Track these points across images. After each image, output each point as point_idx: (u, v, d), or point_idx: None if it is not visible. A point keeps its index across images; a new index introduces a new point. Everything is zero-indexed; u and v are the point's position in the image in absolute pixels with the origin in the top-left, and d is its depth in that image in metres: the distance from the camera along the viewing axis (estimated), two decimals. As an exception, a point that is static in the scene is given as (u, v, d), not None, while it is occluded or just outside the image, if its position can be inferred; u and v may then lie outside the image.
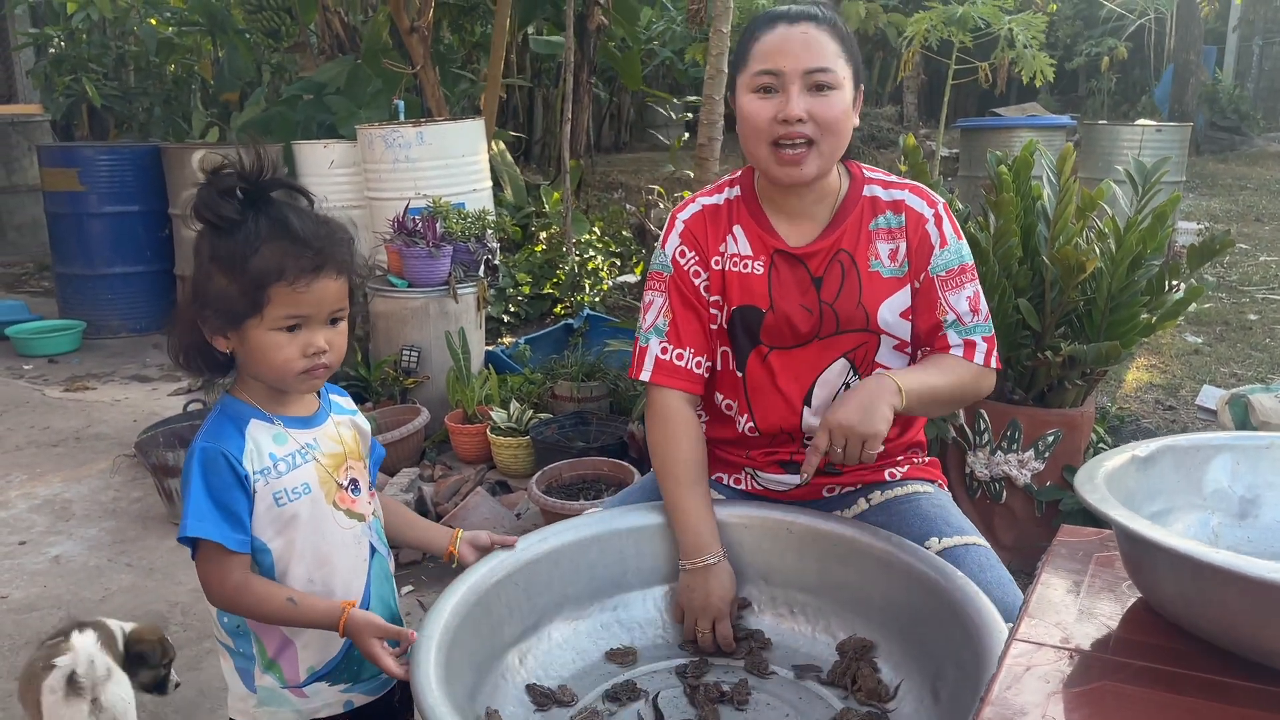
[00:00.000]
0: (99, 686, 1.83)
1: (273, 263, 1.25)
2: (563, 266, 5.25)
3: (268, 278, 1.25)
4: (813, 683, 1.49)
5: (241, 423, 1.32)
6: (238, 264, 1.24)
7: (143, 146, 5.88)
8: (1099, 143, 6.85)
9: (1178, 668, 0.88)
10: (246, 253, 1.24)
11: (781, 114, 1.50)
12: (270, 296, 1.25)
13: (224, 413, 1.33)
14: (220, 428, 1.31)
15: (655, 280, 1.69)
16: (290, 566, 1.35)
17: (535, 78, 8.69)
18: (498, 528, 2.99)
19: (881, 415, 1.42)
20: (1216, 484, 1.08)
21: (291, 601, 1.31)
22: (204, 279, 1.27)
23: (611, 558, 1.62)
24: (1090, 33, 13.64)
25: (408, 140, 4.28)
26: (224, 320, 1.27)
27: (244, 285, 1.25)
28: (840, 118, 1.52)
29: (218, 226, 1.26)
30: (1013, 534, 2.71)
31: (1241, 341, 4.75)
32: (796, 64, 1.50)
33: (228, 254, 1.25)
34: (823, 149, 1.53)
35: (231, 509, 1.28)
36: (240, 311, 1.26)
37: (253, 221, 1.25)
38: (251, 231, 1.25)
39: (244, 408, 1.33)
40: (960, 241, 1.61)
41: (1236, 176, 10.07)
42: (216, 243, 1.26)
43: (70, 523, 3.28)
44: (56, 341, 5.32)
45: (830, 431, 1.43)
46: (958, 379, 1.56)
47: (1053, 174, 2.61)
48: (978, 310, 1.59)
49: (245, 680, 1.41)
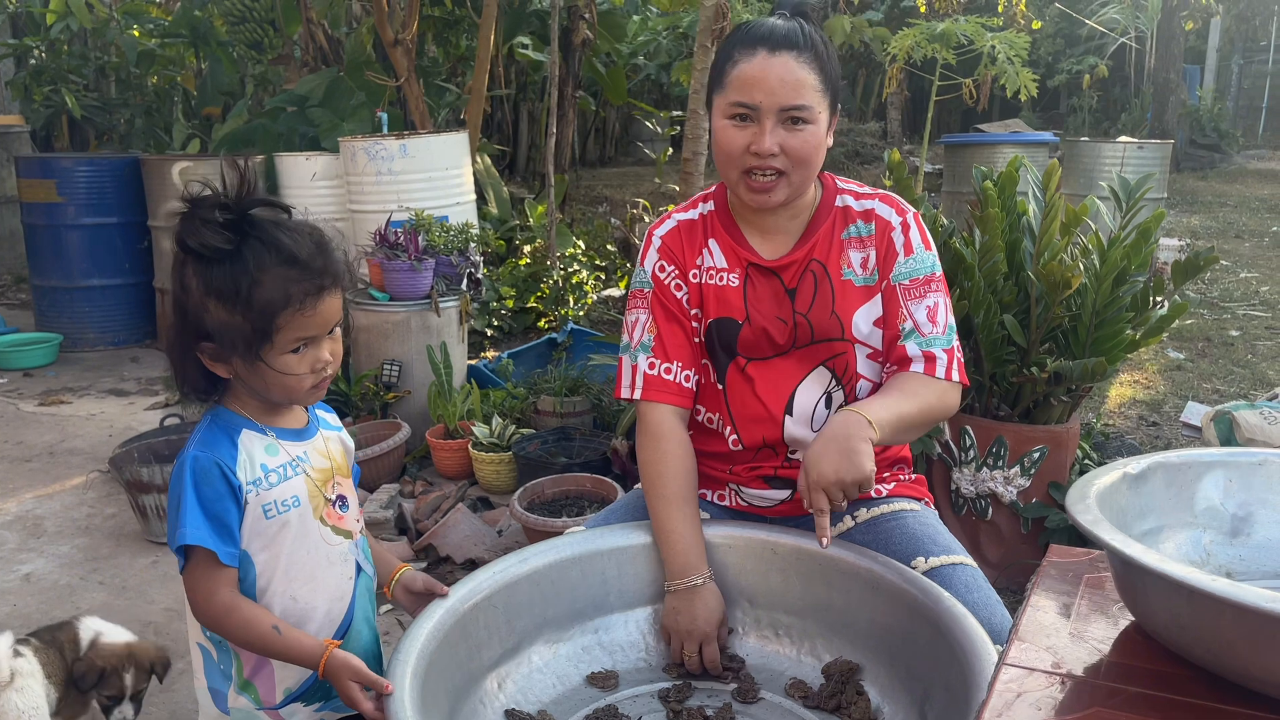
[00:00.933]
0: None
1: (278, 292, 1.22)
2: (547, 280, 5.23)
3: (274, 307, 1.22)
4: (799, 706, 1.46)
5: (234, 432, 1.30)
6: (240, 297, 1.21)
7: (122, 158, 5.83)
8: (1081, 159, 6.89)
9: (1171, 693, 0.86)
10: (248, 284, 1.21)
11: (754, 147, 1.51)
12: (279, 325, 1.23)
13: (216, 422, 1.31)
14: (213, 437, 1.29)
15: (637, 298, 1.68)
16: (274, 581, 1.32)
17: (520, 91, 8.69)
18: (479, 545, 2.95)
19: (864, 454, 1.39)
20: (1208, 501, 1.06)
21: (276, 630, 1.28)
22: (199, 310, 1.23)
23: (593, 579, 1.59)
24: (1072, 51, 13.78)
25: (391, 153, 4.25)
26: (231, 351, 1.24)
27: (250, 317, 1.22)
28: (812, 152, 1.52)
29: (209, 258, 1.22)
30: (998, 551, 2.69)
31: (1224, 358, 4.77)
32: (773, 100, 1.49)
33: (227, 288, 1.21)
34: (793, 179, 1.54)
35: (223, 520, 1.26)
36: (249, 342, 1.23)
37: (247, 250, 1.21)
38: (249, 261, 1.21)
39: (236, 418, 1.32)
40: (929, 251, 1.60)
41: (1216, 194, 10.16)
42: (210, 275, 1.22)
43: (42, 539, 3.22)
44: (32, 355, 5.25)
45: (825, 491, 1.40)
46: (923, 401, 1.53)
47: (1038, 189, 2.61)
48: (936, 321, 1.57)
49: (218, 702, 1.37)
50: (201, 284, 1.22)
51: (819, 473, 1.39)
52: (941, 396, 1.55)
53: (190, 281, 1.23)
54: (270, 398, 1.32)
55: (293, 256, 1.23)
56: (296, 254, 1.24)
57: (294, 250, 1.24)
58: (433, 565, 2.95)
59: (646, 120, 10.88)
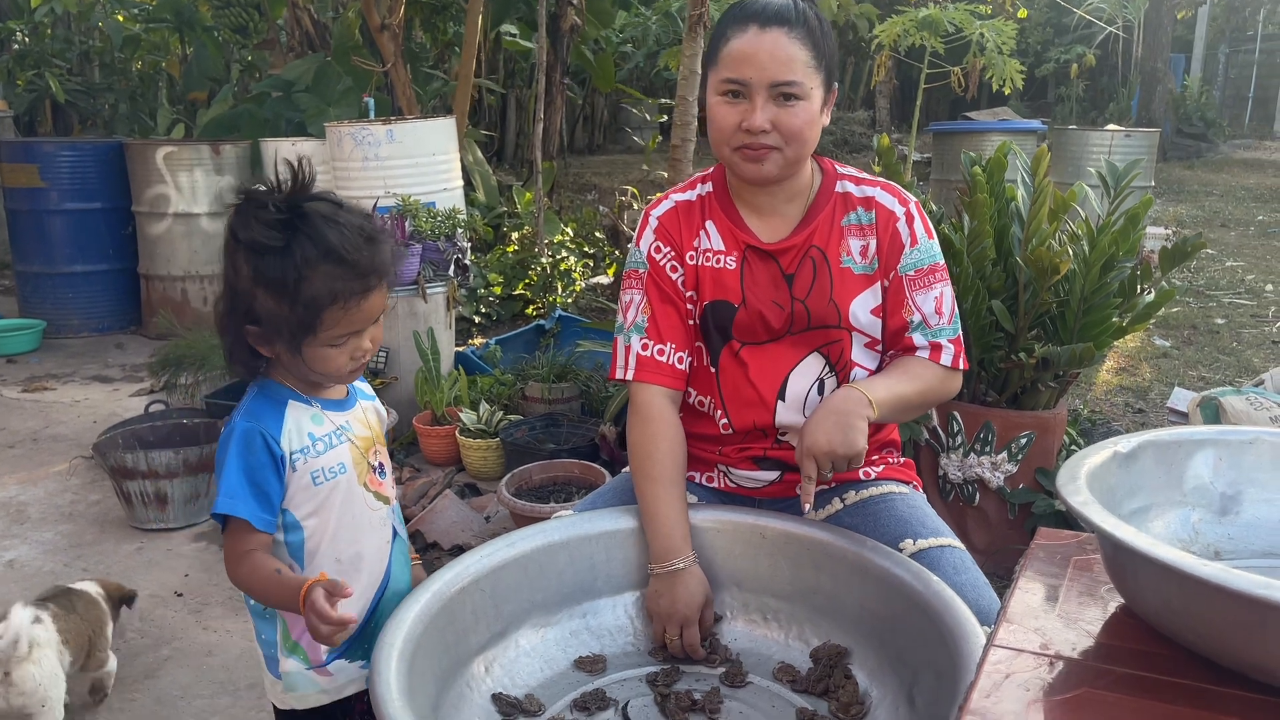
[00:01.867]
0: (11, 663, 1.94)
1: (324, 288, 1.25)
2: (535, 267, 5.21)
3: (320, 303, 1.26)
4: (787, 690, 1.46)
5: (280, 404, 1.35)
6: (288, 290, 1.25)
7: (105, 143, 5.77)
8: (1069, 147, 6.91)
9: (1160, 674, 0.86)
10: (296, 279, 1.24)
11: (746, 123, 1.50)
12: (324, 320, 1.27)
13: (263, 393, 1.35)
14: (260, 408, 1.33)
15: (632, 279, 1.67)
16: (321, 545, 1.37)
17: (508, 78, 8.64)
18: (466, 531, 2.94)
19: (859, 430, 1.43)
20: (1198, 480, 1.06)
21: (278, 572, 1.30)
22: (248, 295, 1.27)
23: (581, 564, 1.58)
24: (1060, 40, 13.81)
25: (377, 138, 4.22)
26: (275, 337, 1.29)
27: (296, 310, 1.26)
28: (804, 128, 1.51)
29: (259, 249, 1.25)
30: (985, 536, 2.70)
31: (1209, 345, 4.79)
32: (763, 75, 1.48)
33: (276, 279, 1.25)
34: (786, 154, 1.53)
35: (264, 489, 1.30)
36: (293, 332, 1.27)
37: (296, 245, 1.24)
38: (299, 257, 1.24)
39: (282, 389, 1.36)
40: (931, 241, 1.60)
41: (1203, 183, 10.21)
42: (261, 265, 1.25)
43: (26, 526, 3.19)
44: (16, 341, 5.20)
45: (815, 459, 1.44)
46: (925, 384, 1.56)
47: (1027, 175, 2.61)
48: (942, 312, 1.58)
49: (271, 667, 1.43)
50: (251, 272, 1.26)
51: (813, 440, 1.43)
52: (944, 381, 1.58)
53: (241, 267, 1.27)
54: (308, 378, 1.37)
55: (340, 255, 1.26)
56: (344, 253, 1.26)
57: (342, 248, 1.26)
58: (420, 552, 2.94)
59: (635, 108, 10.85)
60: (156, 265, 5.48)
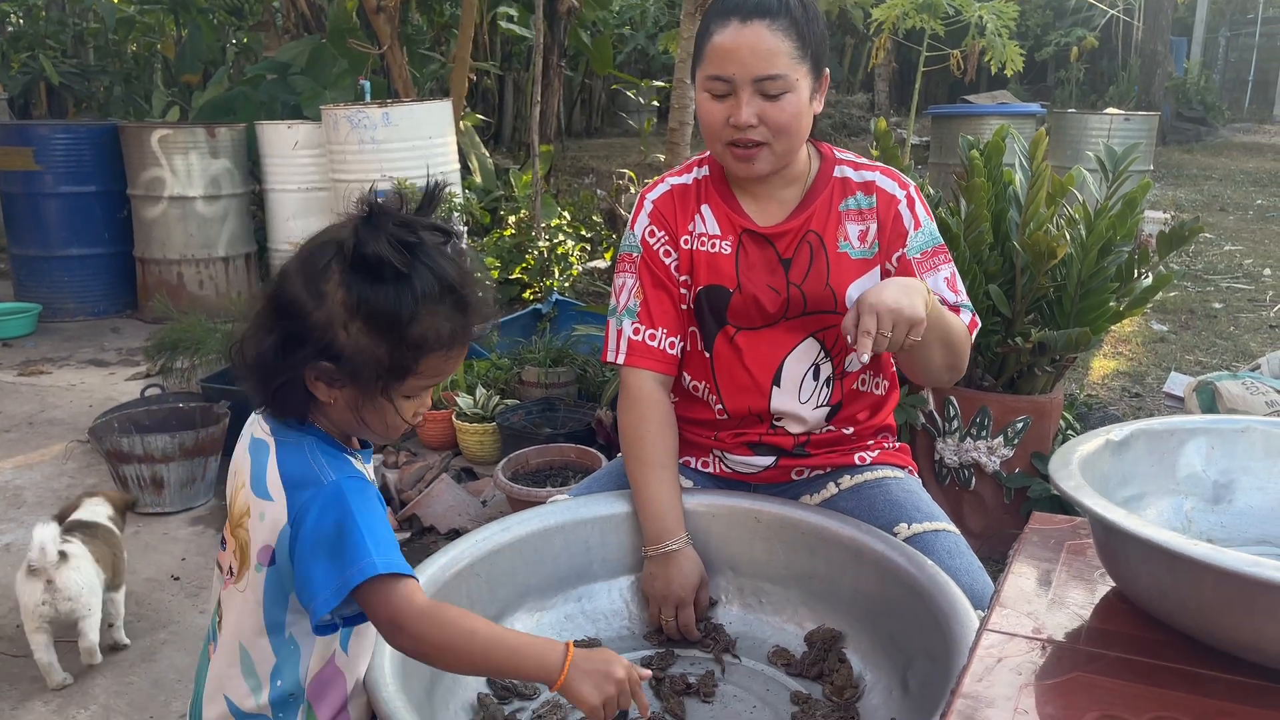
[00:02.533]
0: (52, 570, 2.15)
1: (433, 331, 1.09)
2: (531, 251, 5.19)
3: (426, 348, 1.10)
4: (781, 674, 1.46)
5: (341, 455, 1.17)
6: (397, 327, 1.08)
7: (100, 125, 5.74)
8: (1068, 131, 6.89)
9: (1152, 658, 0.86)
10: (410, 314, 1.08)
11: (733, 119, 1.49)
12: (421, 368, 1.11)
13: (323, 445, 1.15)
14: (335, 461, 1.14)
15: (625, 262, 1.67)
16: None
17: (505, 61, 8.60)
18: (463, 515, 2.95)
19: (922, 303, 1.36)
20: (1190, 468, 1.06)
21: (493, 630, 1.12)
22: (331, 326, 1.08)
23: (576, 548, 1.58)
24: (1060, 23, 13.74)
25: (373, 121, 4.21)
26: (353, 380, 1.10)
27: (397, 351, 1.09)
28: (791, 121, 1.50)
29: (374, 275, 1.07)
30: (981, 521, 2.70)
31: (1206, 330, 4.79)
32: (745, 71, 1.46)
33: (386, 311, 1.07)
34: (776, 149, 1.52)
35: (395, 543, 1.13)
36: (381, 376, 1.10)
37: (418, 277, 1.08)
38: (418, 289, 1.08)
39: (332, 440, 1.18)
40: (931, 223, 1.61)
41: (1202, 167, 10.19)
42: (370, 293, 1.07)
43: (21, 510, 3.19)
44: (11, 325, 5.19)
45: (879, 315, 1.34)
46: (961, 331, 1.53)
47: (1025, 159, 2.60)
48: (956, 289, 1.58)
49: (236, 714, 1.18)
50: (350, 299, 1.07)
51: (879, 297, 1.34)
52: (965, 344, 1.55)
53: (333, 293, 1.08)
54: (354, 433, 1.19)
55: (461, 295, 1.11)
56: (466, 296, 1.11)
57: (463, 290, 1.11)
58: (416, 536, 2.94)
59: (632, 91, 10.80)
60: (152, 249, 5.46)
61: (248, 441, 1.19)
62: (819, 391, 1.62)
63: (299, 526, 1.09)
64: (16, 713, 2.16)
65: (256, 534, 1.13)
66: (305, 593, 1.08)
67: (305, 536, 1.08)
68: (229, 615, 1.18)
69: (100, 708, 2.18)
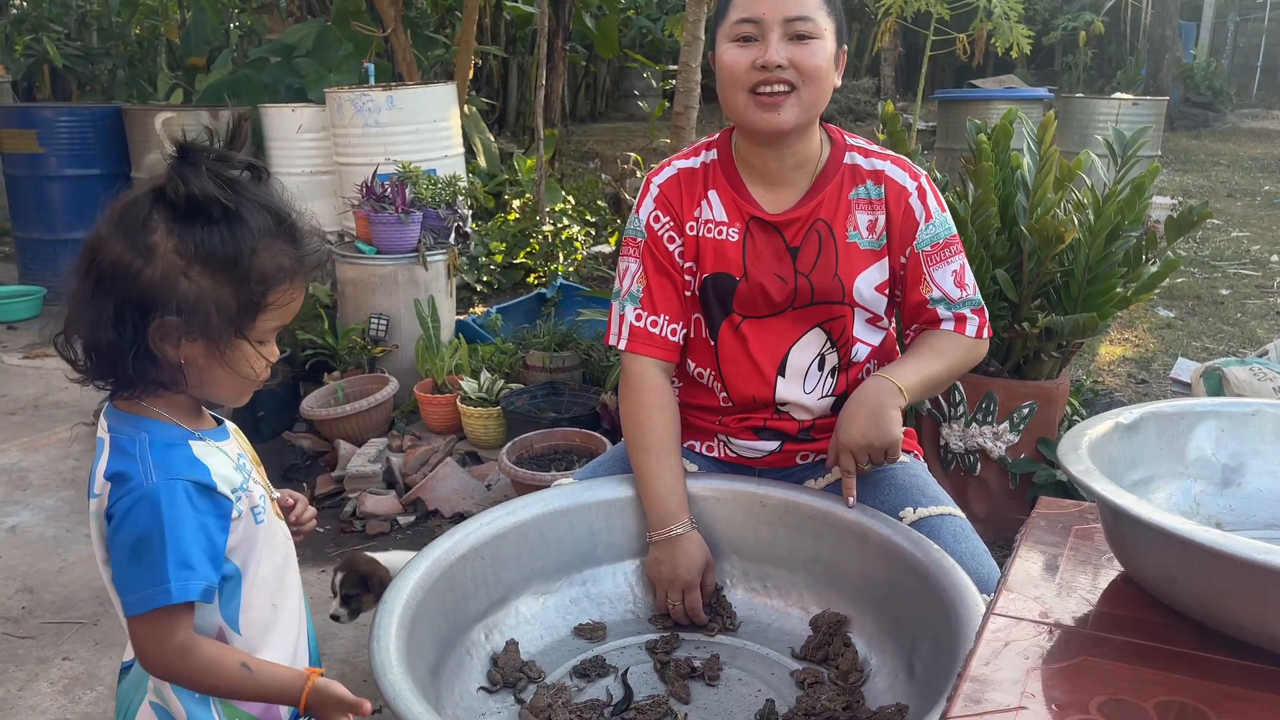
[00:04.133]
0: None
1: (274, 264, 1.06)
2: (536, 235, 5.18)
3: (270, 281, 1.07)
4: (785, 658, 1.46)
5: (179, 445, 1.09)
6: (239, 264, 1.04)
7: (104, 108, 5.72)
8: (1075, 116, 6.84)
9: (1159, 643, 0.86)
10: (249, 249, 1.04)
11: (761, 60, 1.47)
12: (269, 302, 1.07)
13: (158, 440, 1.08)
14: (168, 458, 1.07)
15: (630, 246, 1.65)
16: (254, 592, 1.15)
17: (510, 45, 8.56)
18: (467, 499, 2.95)
19: (892, 420, 1.45)
20: (1200, 452, 1.05)
21: (246, 668, 1.09)
22: (169, 278, 1.03)
23: (581, 531, 1.58)
24: (1068, 7, 13.64)
25: (378, 104, 4.19)
26: (203, 330, 1.04)
27: (242, 290, 1.05)
28: (822, 65, 1.48)
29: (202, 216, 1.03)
30: (986, 506, 2.70)
31: (1213, 316, 4.77)
32: (776, 11, 1.45)
33: (223, 251, 1.03)
34: (803, 97, 1.49)
35: (216, 552, 1.07)
36: (233, 318, 1.06)
37: (247, 211, 1.05)
38: (250, 224, 1.05)
39: (172, 429, 1.10)
40: (944, 214, 1.59)
41: (1210, 153, 10.13)
42: (201, 236, 1.03)
43: (27, 492, 3.20)
44: (15, 308, 5.20)
45: (852, 454, 1.46)
46: (952, 359, 1.57)
47: (1033, 144, 2.58)
48: (964, 285, 1.58)
49: None
50: (184, 246, 1.03)
51: (848, 436, 1.46)
52: (970, 351, 1.60)
53: (162, 242, 1.03)
54: (211, 394, 1.12)
55: (293, 228, 1.09)
56: (297, 226, 1.10)
57: (295, 221, 1.09)
58: (421, 519, 2.95)
59: (641, 70, 10.75)
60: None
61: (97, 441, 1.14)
62: (824, 381, 1.61)
63: (113, 523, 1.06)
64: (23, 694, 2.17)
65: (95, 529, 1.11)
66: (119, 589, 1.07)
67: (118, 535, 1.05)
68: None
69: (106, 689, 2.19)
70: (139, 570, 1.04)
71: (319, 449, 3.35)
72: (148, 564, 1.03)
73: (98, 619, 2.44)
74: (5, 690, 2.18)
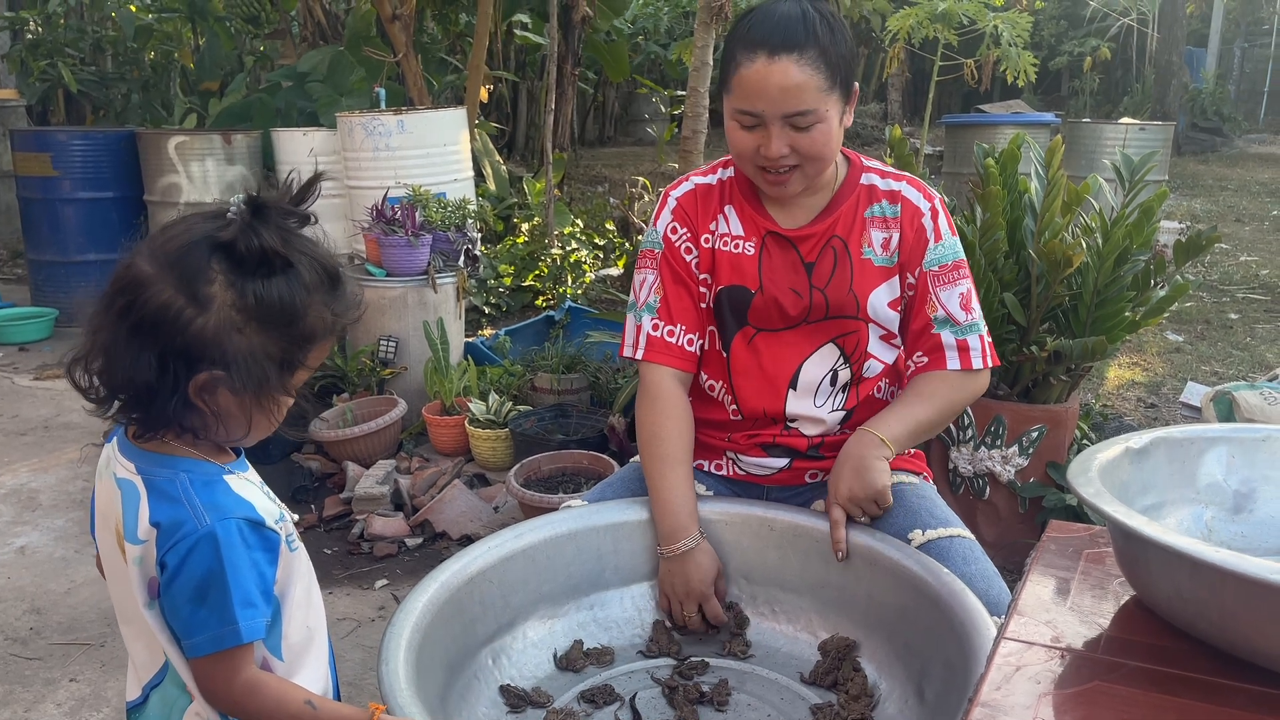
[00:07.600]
0: None
1: (321, 321, 1.06)
2: (545, 258, 5.20)
3: (315, 337, 1.06)
4: (795, 683, 1.46)
5: (217, 481, 1.08)
6: (293, 322, 1.04)
7: (117, 132, 5.77)
8: (1082, 141, 6.85)
9: (1172, 668, 0.85)
10: (303, 308, 1.04)
11: (764, 150, 1.50)
12: (307, 359, 1.07)
13: (197, 479, 1.07)
14: (214, 497, 1.06)
15: (646, 258, 1.68)
16: (292, 616, 1.15)
17: (520, 70, 8.63)
18: (475, 521, 2.94)
19: (876, 471, 1.48)
20: (1211, 477, 1.05)
21: (311, 706, 1.08)
22: (222, 333, 1.01)
23: (589, 555, 1.58)
24: (1074, 32, 13.71)
25: (388, 128, 4.22)
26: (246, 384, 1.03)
27: (290, 346, 1.05)
28: (823, 147, 1.51)
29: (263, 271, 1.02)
30: (996, 530, 2.69)
31: (1223, 340, 4.76)
32: (775, 108, 1.47)
33: (280, 309, 1.02)
34: (808, 171, 1.54)
35: (267, 586, 1.07)
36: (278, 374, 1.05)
37: (299, 265, 1.04)
38: (304, 278, 1.04)
39: (207, 466, 1.09)
40: (954, 238, 1.61)
41: (1217, 177, 10.13)
42: (262, 291, 1.01)
43: (37, 513, 3.21)
44: (28, 329, 5.23)
45: (843, 507, 1.50)
46: (943, 400, 1.57)
47: (1041, 168, 2.59)
48: (969, 309, 1.59)
49: None
50: (243, 301, 1.01)
51: (834, 490, 1.50)
52: (965, 385, 1.60)
53: (218, 295, 1.01)
54: (233, 436, 1.10)
55: (339, 277, 1.08)
56: (342, 279, 1.08)
57: (337, 269, 1.08)
58: (429, 541, 2.94)
59: (650, 95, 10.82)
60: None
61: (111, 479, 1.10)
62: (835, 396, 1.62)
63: (167, 571, 1.04)
64: (30, 715, 2.17)
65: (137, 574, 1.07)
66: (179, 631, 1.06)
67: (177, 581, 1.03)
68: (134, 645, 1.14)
69: (113, 710, 2.18)
70: (204, 612, 1.03)
71: (327, 470, 3.35)
72: (212, 605, 1.02)
73: (105, 640, 2.44)
74: (12, 711, 2.18)
